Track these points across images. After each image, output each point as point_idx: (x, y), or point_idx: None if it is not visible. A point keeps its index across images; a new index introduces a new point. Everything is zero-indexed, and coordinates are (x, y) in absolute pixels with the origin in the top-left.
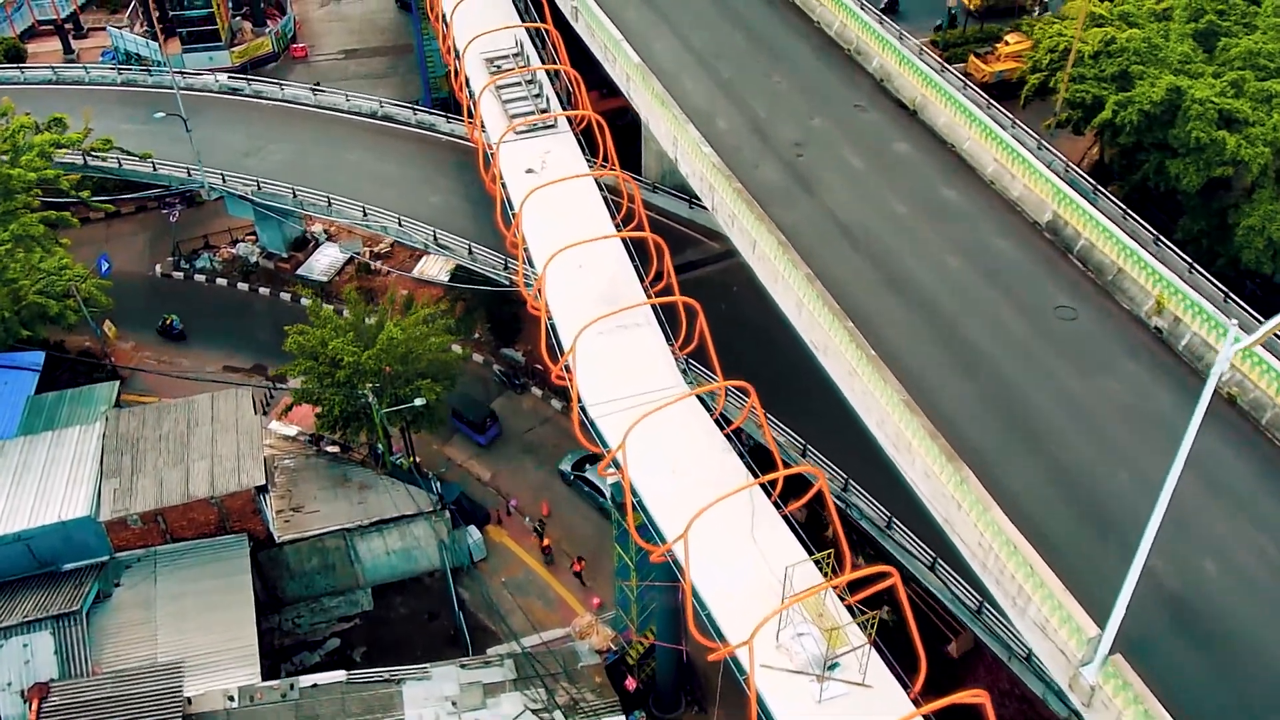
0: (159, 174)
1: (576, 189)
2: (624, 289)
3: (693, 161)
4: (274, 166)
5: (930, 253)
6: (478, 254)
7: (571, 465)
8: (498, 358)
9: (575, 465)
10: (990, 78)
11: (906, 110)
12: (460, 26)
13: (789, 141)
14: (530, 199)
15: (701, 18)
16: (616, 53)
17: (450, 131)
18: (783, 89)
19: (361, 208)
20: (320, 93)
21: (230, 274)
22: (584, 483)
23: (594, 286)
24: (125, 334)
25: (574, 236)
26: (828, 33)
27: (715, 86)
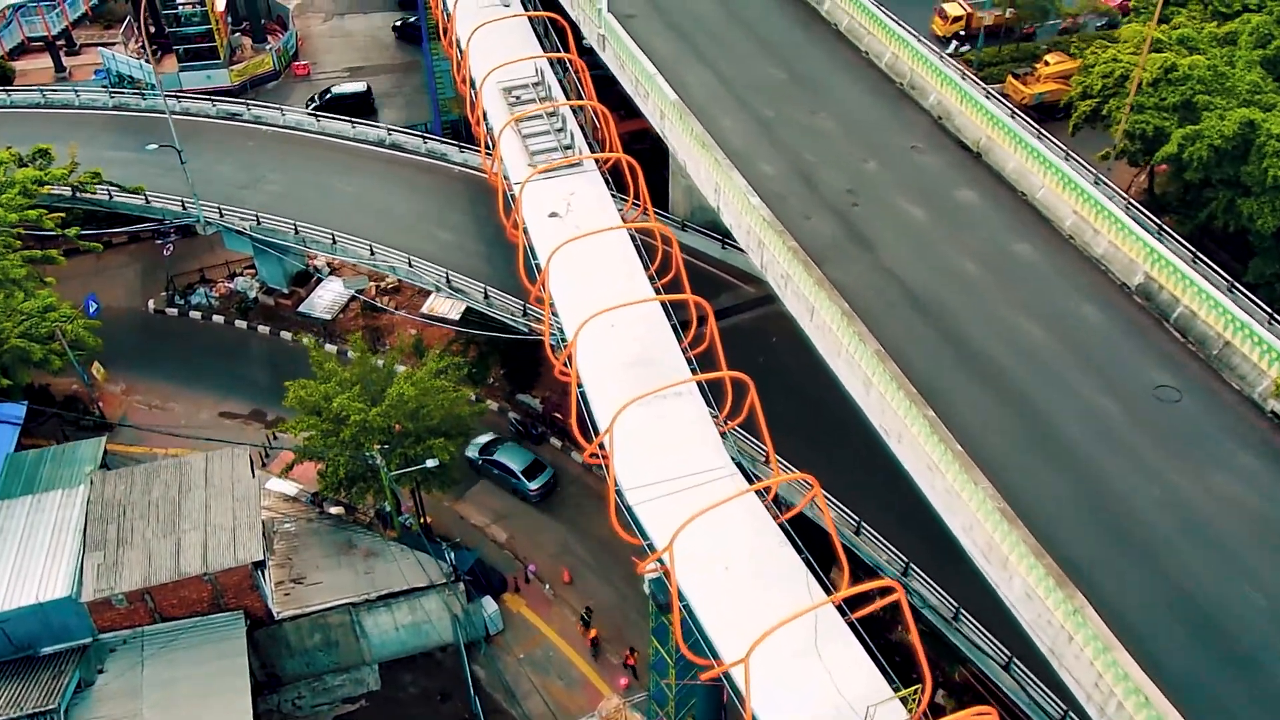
0: (152, 207)
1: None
2: (662, 354)
3: (739, 214)
4: (274, 198)
5: (1006, 320)
6: (494, 299)
7: (479, 451)
8: (513, 404)
9: (483, 450)
10: (1030, 100)
11: (969, 152)
12: (477, 55)
13: (841, 189)
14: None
15: (738, 49)
16: (650, 88)
17: (463, 162)
18: (831, 129)
19: (369, 246)
20: (324, 118)
21: (227, 311)
22: (494, 466)
23: (629, 349)
24: (115, 375)
25: (607, 297)
26: (878, 65)
27: (756, 125)
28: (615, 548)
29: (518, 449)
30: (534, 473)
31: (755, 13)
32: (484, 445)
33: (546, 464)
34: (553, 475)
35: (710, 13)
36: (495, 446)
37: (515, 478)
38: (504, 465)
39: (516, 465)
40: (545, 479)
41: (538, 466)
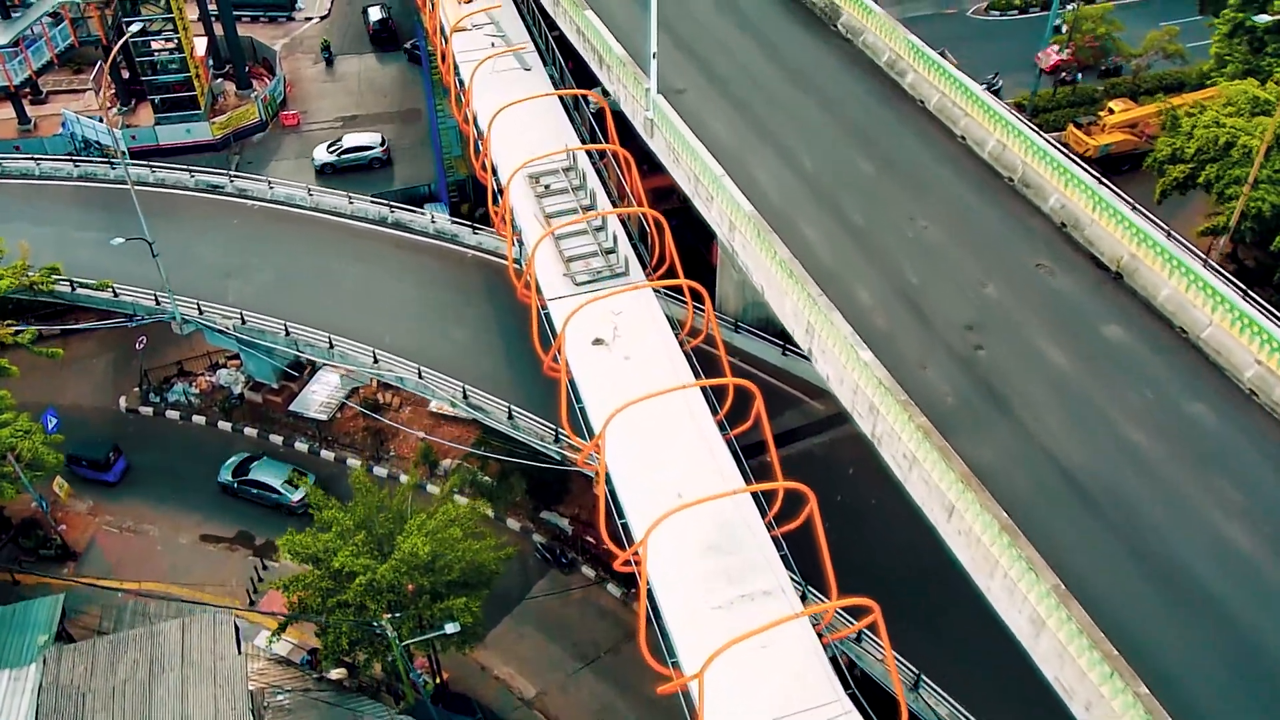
0: (121, 301)
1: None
2: (743, 540)
3: (842, 367)
4: (262, 290)
5: (1199, 519)
6: (520, 420)
7: (232, 472)
8: (538, 525)
9: (236, 471)
10: (1095, 151)
11: (1108, 272)
12: (500, 140)
13: (959, 323)
14: (610, 402)
15: (813, 131)
16: (715, 190)
17: (476, 244)
18: (936, 240)
19: (372, 352)
20: (317, 193)
21: (209, 409)
22: (253, 486)
23: (702, 538)
24: (81, 491)
25: (682, 482)
26: (980, 154)
27: (844, 235)
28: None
29: (273, 462)
30: (296, 484)
31: (828, 84)
32: (236, 466)
33: (308, 472)
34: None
35: (775, 84)
36: (249, 465)
37: (275, 493)
38: (262, 484)
39: (275, 480)
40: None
41: (299, 476)
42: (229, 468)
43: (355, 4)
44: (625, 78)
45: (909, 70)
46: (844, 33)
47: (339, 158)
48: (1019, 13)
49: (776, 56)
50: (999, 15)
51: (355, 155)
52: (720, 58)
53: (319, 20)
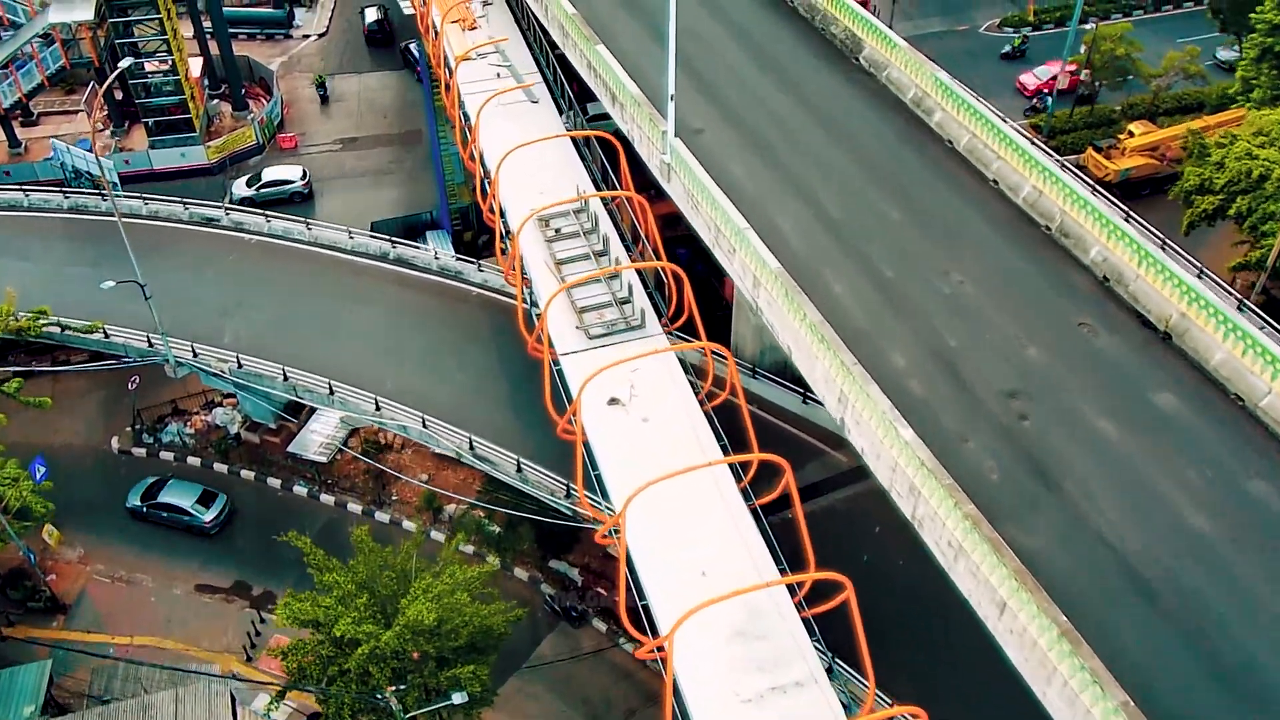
0: (112, 343)
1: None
2: (773, 625)
3: (880, 444)
4: (259, 329)
5: (1271, 615)
6: (530, 474)
7: (141, 496)
8: (546, 574)
9: (145, 495)
10: (1115, 176)
11: (1156, 331)
12: (509, 183)
13: (1000, 389)
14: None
15: (837, 173)
16: (739, 243)
17: (481, 282)
18: (971, 296)
19: (374, 399)
20: (316, 227)
21: (205, 450)
22: (163, 510)
23: (730, 623)
24: (72, 536)
25: (708, 561)
26: (1014, 200)
27: (875, 291)
28: None
29: (183, 483)
30: (207, 503)
31: (852, 123)
32: (146, 489)
33: (218, 492)
34: (228, 502)
35: (796, 122)
36: (158, 488)
37: (187, 515)
38: (172, 506)
39: (185, 501)
40: (220, 508)
41: (209, 496)
42: (138, 492)
43: (354, 22)
44: (640, 118)
45: (936, 109)
46: (866, 67)
47: (257, 192)
48: (1033, 30)
49: (796, 92)
50: (1012, 32)
51: (274, 190)
52: (738, 94)
53: (317, 38)
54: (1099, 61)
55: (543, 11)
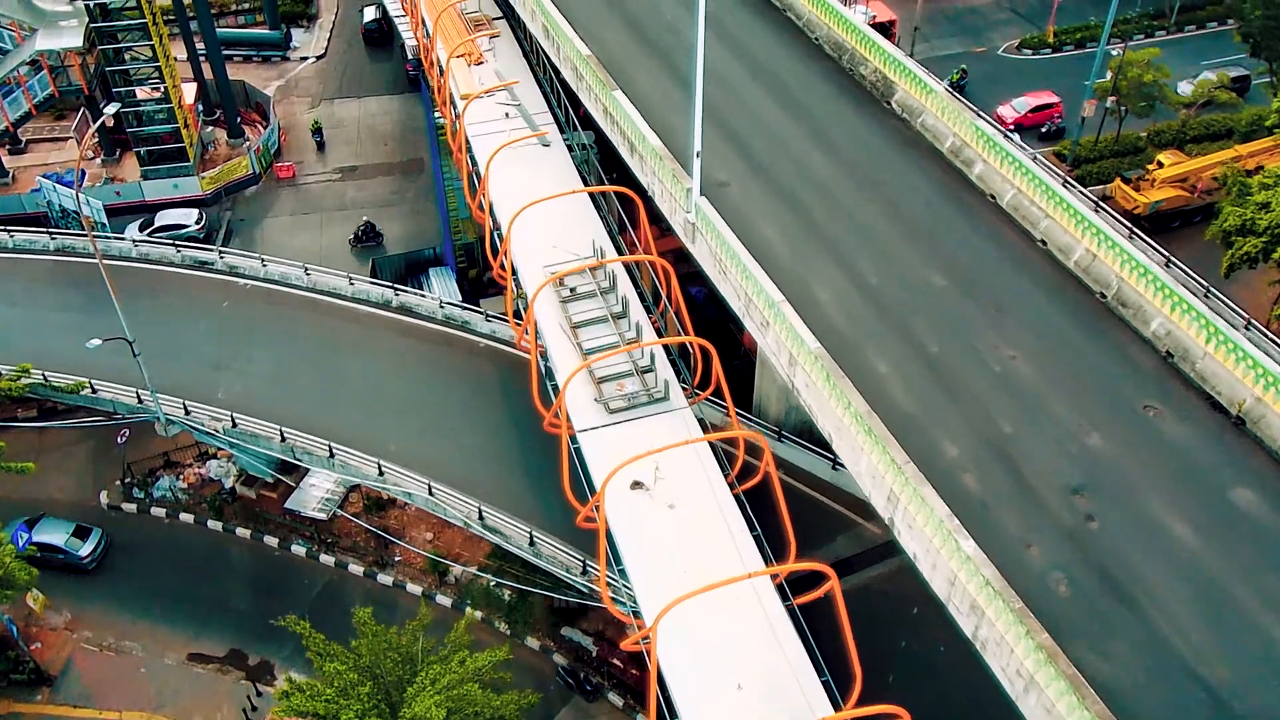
0: (100, 399)
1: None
2: None
3: (938, 553)
4: (254, 383)
5: None
6: (543, 547)
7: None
8: (559, 644)
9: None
10: (1144, 209)
11: (1228, 416)
12: (522, 237)
13: (1063, 485)
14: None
15: (876, 239)
16: (774, 319)
17: (490, 333)
18: (1024, 374)
19: (377, 464)
20: (315, 272)
21: (198, 506)
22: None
23: None
24: (58, 601)
25: (748, 676)
26: (1065, 264)
27: (921, 369)
28: None
29: (55, 520)
30: (81, 538)
31: (886, 175)
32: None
33: (92, 527)
34: (104, 536)
35: (827, 174)
36: (29, 527)
37: (62, 553)
38: (45, 544)
39: (59, 538)
40: (96, 542)
41: (83, 532)
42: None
43: (354, 44)
44: (661, 173)
45: (977, 160)
46: (899, 111)
47: (149, 236)
48: (1052, 51)
49: (826, 140)
50: (1031, 54)
51: (168, 234)
52: (765, 143)
53: (315, 60)
54: (1125, 88)
55: (554, 51)
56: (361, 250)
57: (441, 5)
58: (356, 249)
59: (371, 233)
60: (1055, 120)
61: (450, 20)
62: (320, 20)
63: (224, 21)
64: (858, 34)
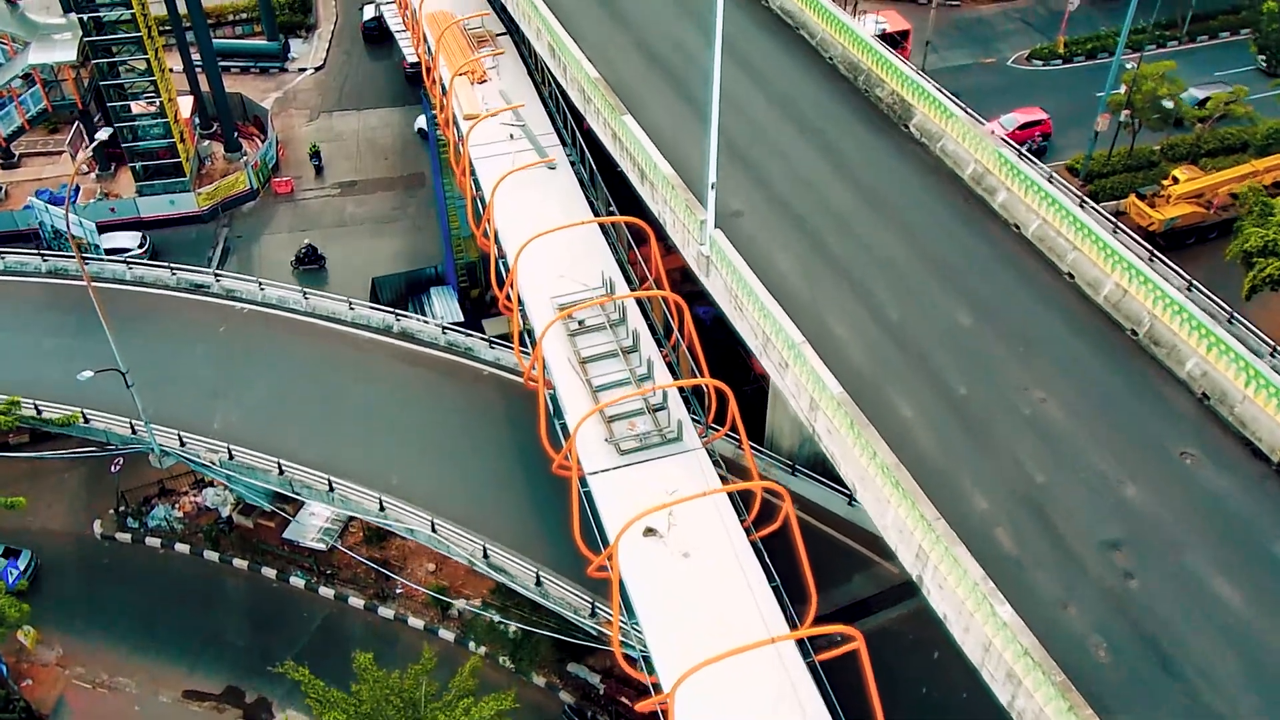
0: (93, 429)
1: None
2: None
3: (971, 616)
4: (251, 412)
5: None
6: (550, 588)
7: None
8: (565, 681)
9: None
10: (1160, 226)
11: (1269, 463)
12: (529, 268)
13: (1100, 539)
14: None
15: (897, 272)
16: (794, 361)
17: (494, 360)
18: (1055, 418)
19: (378, 499)
20: (314, 296)
21: (194, 536)
22: None
23: None
24: (49, 635)
25: None
26: (1095, 299)
27: (948, 413)
28: None
29: None
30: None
31: (906, 204)
32: None
33: (22, 549)
34: (33, 558)
35: (845, 203)
36: None
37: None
38: None
39: None
40: (26, 563)
41: (11, 553)
42: None
43: (352, 54)
44: (674, 202)
45: (1000, 188)
46: (918, 136)
47: None
48: (1063, 62)
49: (842, 166)
50: (1042, 65)
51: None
52: (780, 169)
53: (313, 71)
54: (1140, 102)
55: (561, 71)
56: (303, 273)
57: (444, 22)
58: (297, 271)
59: (313, 255)
60: (1036, 139)
61: (453, 38)
62: (319, 30)
63: (220, 32)
64: (873, 54)
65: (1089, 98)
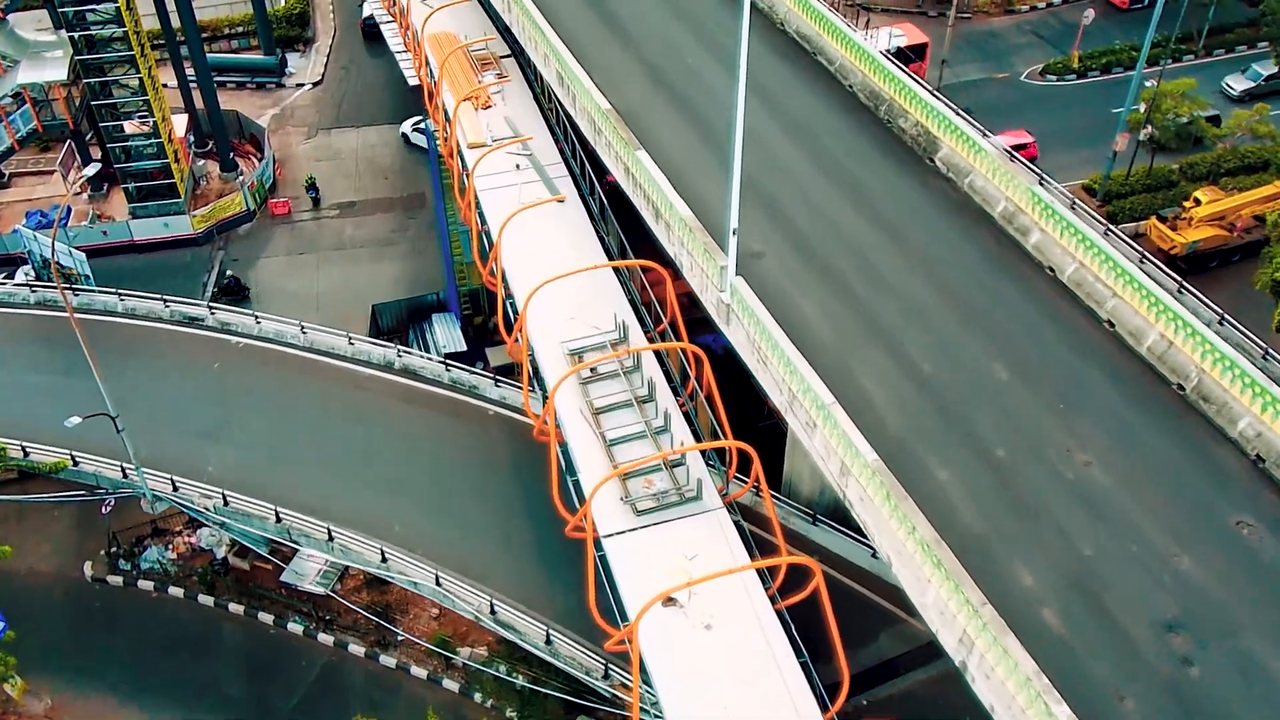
0: (82, 472)
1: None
2: None
3: (1024, 712)
4: (247, 453)
5: None
6: (561, 647)
7: None
8: None
9: None
10: (1181, 249)
11: None
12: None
13: (1155, 620)
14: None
15: (926, 319)
16: (823, 421)
17: (500, 399)
18: (1101, 483)
19: (380, 550)
20: (312, 330)
21: (189, 579)
22: None
23: None
24: (37, 683)
25: None
26: (1138, 350)
27: (988, 478)
28: None
29: None
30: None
31: (933, 244)
32: None
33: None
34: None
35: (869, 243)
36: None
37: None
38: None
39: None
40: None
41: None
42: None
43: (350, 69)
44: (691, 245)
45: (1033, 229)
46: (944, 170)
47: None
48: (1078, 77)
49: (866, 203)
50: (1055, 80)
51: None
52: (800, 206)
53: (311, 87)
54: (1160, 121)
55: (569, 100)
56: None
57: (447, 44)
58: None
59: (236, 285)
60: None
61: (458, 63)
62: (317, 44)
63: (216, 46)
64: (895, 83)
65: (1104, 114)
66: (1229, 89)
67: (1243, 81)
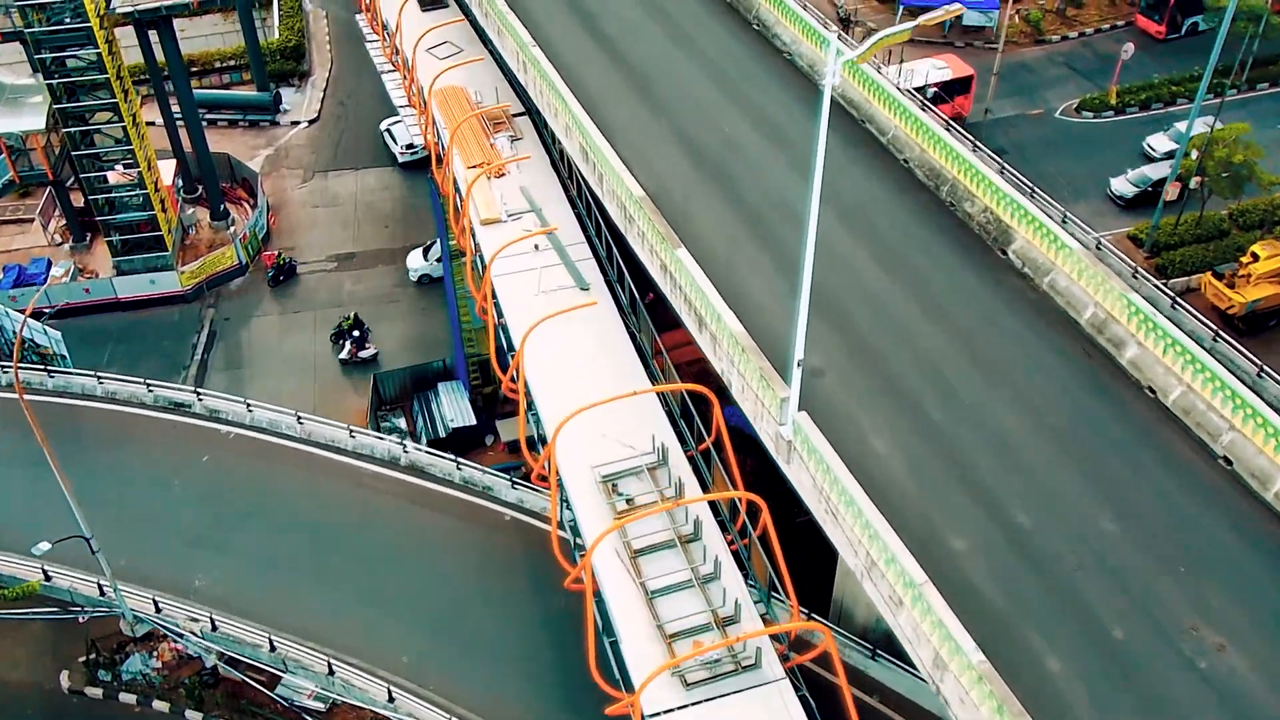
0: (56, 587)
1: None
2: None
3: None
4: (237, 563)
5: None
6: None
7: None
8: None
9: None
10: (1240, 309)
11: None
12: (566, 442)
13: None
14: None
15: (1017, 459)
16: (907, 595)
17: (516, 501)
18: (1241, 676)
19: (386, 688)
20: (309, 421)
21: (174, 691)
22: None
23: None
24: None
25: None
26: (1263, 495)
27: (1107, 667)
28: None
29: None
30: None
31: (1016, 358)
32: None
33: None
34: None
35: (943, 358)
36: None
37: None
38: None
39: None
40: None
41: None
42: None
43: (349, 105)
44: (744, 366)
45: (1128, 341)
46: (1019, 264)
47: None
48: (1115, 114)
49: (934, 306)
50: (1092, 117)
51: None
52: (863, 310)
53: (307, 125)
54: (1213, 169)
55: (596, 180)
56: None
57: (456, 105)
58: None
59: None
60: None
61: (470, 131)
62: (313, 78)
63: (207, 81)
64: (960, 162)
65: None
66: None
67: None
